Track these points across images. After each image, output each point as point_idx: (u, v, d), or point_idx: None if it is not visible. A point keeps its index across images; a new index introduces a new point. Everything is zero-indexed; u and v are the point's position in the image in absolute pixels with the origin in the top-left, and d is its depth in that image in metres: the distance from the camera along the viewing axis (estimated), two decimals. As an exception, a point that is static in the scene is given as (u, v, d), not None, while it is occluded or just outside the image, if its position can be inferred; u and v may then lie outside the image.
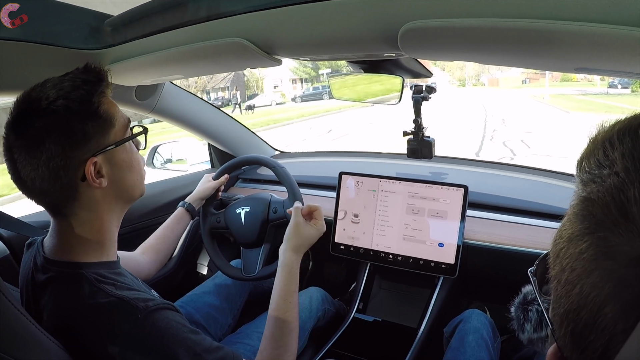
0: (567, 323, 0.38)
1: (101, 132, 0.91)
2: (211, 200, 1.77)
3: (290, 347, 1.11)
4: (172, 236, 1.55)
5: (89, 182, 0.88)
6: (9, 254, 1.47)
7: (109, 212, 0.96)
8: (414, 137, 1.70)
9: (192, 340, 0.87)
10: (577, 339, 0.37)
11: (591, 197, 0.37)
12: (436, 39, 0.80)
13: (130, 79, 1.53)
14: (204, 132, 2.20)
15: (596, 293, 0.35)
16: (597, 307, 0.35)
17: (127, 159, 0.97)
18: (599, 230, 0.36)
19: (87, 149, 0.88)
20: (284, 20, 0.96)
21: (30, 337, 0.75)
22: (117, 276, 0.93)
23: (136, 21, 1.23)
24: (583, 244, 0.37)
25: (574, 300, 0.37)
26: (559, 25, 0.61)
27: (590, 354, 0.36)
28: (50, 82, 0.88)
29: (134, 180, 1.00)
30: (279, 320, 1.12)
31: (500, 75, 60.90)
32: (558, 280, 0.40)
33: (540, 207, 1.64)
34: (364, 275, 1.83)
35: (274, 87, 48.08)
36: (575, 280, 0.37)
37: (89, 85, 0.89)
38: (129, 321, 0.82)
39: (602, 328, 0.34)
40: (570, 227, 0.39)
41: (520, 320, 1.06)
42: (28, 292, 0.94)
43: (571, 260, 0.38)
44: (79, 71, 0.91)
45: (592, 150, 0.40)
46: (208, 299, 1.66)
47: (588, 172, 0.39)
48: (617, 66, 0.72)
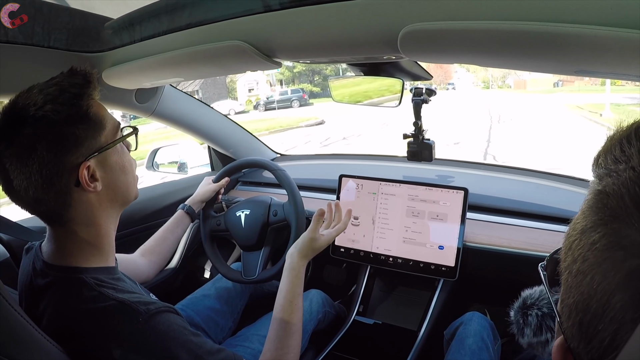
0: (576, 313, 0.39)
1: (92, 135, 0.89)
2: (211, 202, 1.77)
3: (293, 349, 1.11)
4: (172, 238, 1.55)
5: (83, 187, 0.87)
6: (8, 257, 1.46)
7: (105, 217, 0.95)
8: (414, 139, 1.70)
9: (193, 342, 0.87)
10: (585, 329, 0.37)
11: (606, 190, 0.38)
12: (436, 41, 0.80)
13: (130, 82, 1.53)
14: (204, 135, 2.19)
15: (607, 282, 0.35)
16: (607, 297, 0.35)
17: (119, 161, 0.96)
18: (612, 222, 0.36)
19: (79, 153, 0.87)
20: (284, 23, 0.96)
21: (31, 340, 0.75)
22: (116, 281, 0.93)
23: (136, 24, 1.23)
24: (596, 235, 0.37)
25: (584, 290, 0.38)
26: (559, 28, 0.61)
27: (597, 344, 0.36)
28: (35, 88, 0.86)
29: (128, 183, 0.99)
30: (284, 321, 1.13)
31: (528, 76, 53.70)
32: (569, 271, 0.41)
33: (540, 210, 1.64)
34: (364, 277, 1.83)
35: (249, 91, 43.52)
36: (587, 270, 0.38)
37: (76, 88, 0.88)
38: (131, 324, 0.82)
39: (610, 317, 0.35)
40: (583, 220, 0.40)
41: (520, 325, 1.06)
42: (27, 297, 0.93)
43: (583, 251, 0.38)
44: (64, 75, 0.90)
45: (609, 147, 0.41)
46: (208, 302, 1.65)
47: (604, 168, 0.40)
48: (617, 69, 0.72)
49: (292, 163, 2.52)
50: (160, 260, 1.48)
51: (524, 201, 1.71)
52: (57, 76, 0.89)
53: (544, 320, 1.03)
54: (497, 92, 48.61)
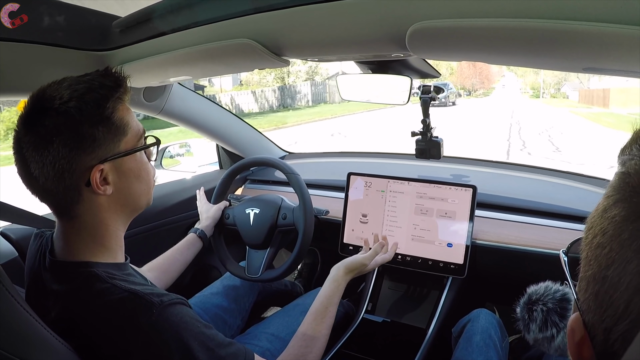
0: (593, 284, 0.40)
1: (112, 139, 0.89)
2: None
3: (317, 350, 1.17)
4: (181, 259, 1.54)
5: (93, 188, 0.87)
6: (17, 256, 1.47)
7: (114, 219, 0.94)
8: (422, 137, 1.70)
9: (205, 335, 0.87)
10: (601, 299, 0.39)
11: (629, 171, 0.40)
12: (444, 39, 0.80)
13: (138, 80, 1.53)
14: (212, 134, 2.20)
15: (624, 251, 0.36)
16: (624, 265, 0.36)
17: (135, 168, 0.95)
18: (633, 197, 0.38)
19: (95, 155, 0.86)
20: (292, 21, 0.96)
21: (40, 339, 0.76)
22: (127, 275, 0.93)
23: (144, 22, 1.23)
24: (616, 209, 0.39)
25: (602, 261, 0.39)
26: (567, 25, 0.61)
27: (611, 312, 0.37)
28: (67, 81, 0.86)
29: (141, 190, 0.98)
30: (315, 322, 1.22)
31: (612, 83, 31.35)
32: (589, 246, 0.42)
33: (549, 207, 1.63)
34: (372, 275, 1.83)
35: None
36: (606, 242, 0.39)
37: (105, 89, 0.87)
38: (145, 315, 0.82)
39: (626, 285, 0.36)
40: (605, 200, 0.42)
41: (526, 321, 1.06)
42: (35, 289, 0.93)
43: (604, 225, 0.40)
44: (98, 73, 0.89)
45: (635, 138, 0.43)
46: (216, 300, 1.66)
47: (629, 154, 0.42)
48: (626, 66, 0.72)
49: (300, 161, 2.51)
50: (167, 279, 1.47)
51: (533, 199, 1.70)
52: (90, 73, 0.89)
53: (549, 315, 1.03)
54: (542, 107, 31.44)
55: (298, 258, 1.61)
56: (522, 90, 58.47)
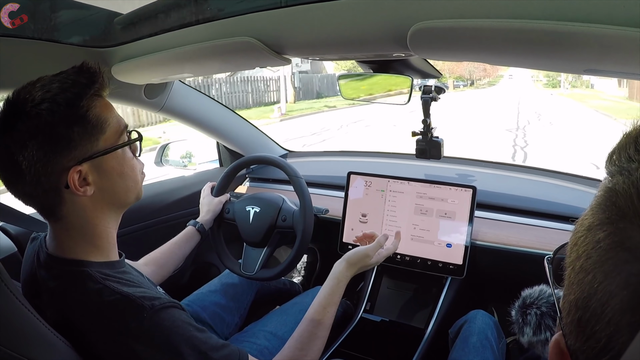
0: (575, 310, 0.38)
1: (89, 139, 0.86)
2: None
3: (313, 353, 1.12)
4: (179, 253, 1.52)
5: (72, 190, 0.85)
6: (16, 251, 1.47)
7: (102, 218, 0.92)
8: (423, 137, 1.70)
9: (198, 338, 0.87)
10: (583, 327, 0.37)
11: (616, 189, 0.37)
12: (446, 39, 0.80)
13: (139, 78, 1.53)
14: (212, 131, 2.19)
15: (607, 283, 0.35)
16: (607, 297, 0.34)
17: (117, 165, 0.92)
18: (619, 221, 0.35)
19: (71, 156, 0.84)
20: (294, 19, 0.96)
21: (40, 335, 0.76)
22: (121, 274, 0.92)
23: (146, 19, 1.23)
24: (602, 233, 0.37)
25: (585, 288, 0.37)
26: (569, 27, 0.61)
27: (593, 343, 0.36)
28: (40, 81, 0.83)
29: (127, 187, 0.95)
30: (312, 324, 1.14)
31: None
32: (573, 267, 0.40)
33: (548, 208, 1.64)
34: (371, 275, 1.83)
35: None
36: (589, 268, 0.37)
37: (78, 87, 0.84)
38: (135, 319, 0.82)
39: (608, 319, 0.34)
40: (591, 217, 0.39)
41: (520, 324, 1.06)
42: (30, 288, 0.93)
43: (588, 248, 0.38)
44: (73, 70, 0.87)
45: (624, 144, 0.40)
46: (215, 297, 1.66)
47: (617, 165, 0.39)
48: (628, 68, 0.72)
49: (300, 160, 2.51)
50: (164, 273, 1.45)
51: (533, 199, 1.70)
52: (65, 71, 0.87)
53: (543, 319, 1.04)
54: (564, 100, 27.31)
55: (294, 261, 1.61)
56: (534, 78, 52.31)
